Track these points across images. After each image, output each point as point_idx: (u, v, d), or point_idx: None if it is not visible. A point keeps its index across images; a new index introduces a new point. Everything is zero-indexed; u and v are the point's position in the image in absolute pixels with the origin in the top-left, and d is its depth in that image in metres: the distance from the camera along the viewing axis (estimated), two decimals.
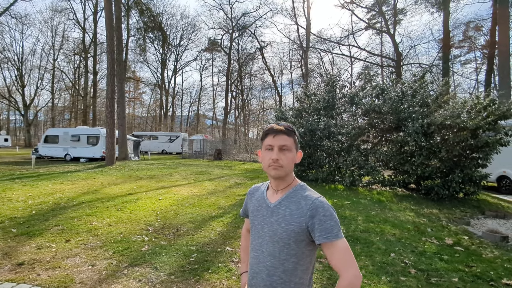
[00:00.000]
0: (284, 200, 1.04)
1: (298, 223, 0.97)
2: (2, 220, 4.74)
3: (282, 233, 0.99)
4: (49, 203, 5.95)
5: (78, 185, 8.23)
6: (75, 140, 17.66)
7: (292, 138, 1.03)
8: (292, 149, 1.02)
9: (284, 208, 1.02)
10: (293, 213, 0.99)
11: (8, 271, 3.08)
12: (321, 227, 0.93)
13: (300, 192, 1.04)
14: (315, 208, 0.96)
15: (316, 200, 0.98)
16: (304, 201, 1.00)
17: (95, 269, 3.15)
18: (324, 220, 0.93)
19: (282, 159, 1.00)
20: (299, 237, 0.97)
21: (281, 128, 1.02)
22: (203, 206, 5.97)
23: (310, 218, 0.95)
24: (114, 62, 12.85)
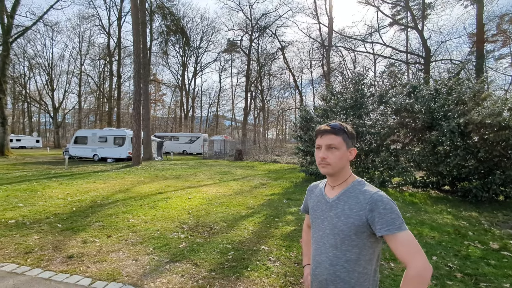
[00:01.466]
0: (342, 195, 1.08)
1: (358, 217, 1.01)
2: (48, 215, 5.02)
3: (342, 226, 1.04)
4: (87, 201, 6.24)
5: (110, 184, 8.58)
6: (103, 141, 18.43)
7: (341, 137, 1.06)
8: (340, 147, 1.06)
9: (342, 203, 1.06)
10: (352, 207, 1.03)
11: (60, 263, 3.26)
12: (381, 220, 0.95)
13: (358, 187, 1.07)
14: (374, 202, 0.98)
15: (375, 195, 1.00)
16: (362, 195, 1.03)
17: (139, 263, 3.27)
18: (385, 213, 0.95)
19: (329, 157, 1.06)
20: (359, 229, 1.01)
21: (327, 128, 1.08)
22: (232, 205, 6.03)
23: (370, 212, 0.98)
24: (140, 65, 13.31)
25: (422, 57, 16.52)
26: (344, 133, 1.08)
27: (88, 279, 2.93)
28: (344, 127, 1.10)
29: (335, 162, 1.06)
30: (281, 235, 4.24)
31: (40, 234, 4.14)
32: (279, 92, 42.39)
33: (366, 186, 1.07)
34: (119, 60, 34.90)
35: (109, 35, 35.77)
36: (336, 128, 1.08)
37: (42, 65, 43.53)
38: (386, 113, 7.65)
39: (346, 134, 1.08)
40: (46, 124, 61.43)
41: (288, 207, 5.99)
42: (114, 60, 35.98)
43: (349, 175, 1.11)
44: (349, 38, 21.39)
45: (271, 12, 31.59)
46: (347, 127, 1.11)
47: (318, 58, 30.50)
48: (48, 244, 3.76)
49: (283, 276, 3.04)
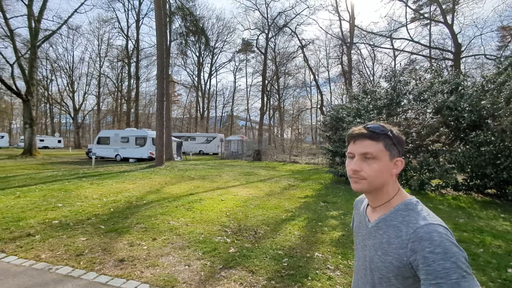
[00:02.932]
0: (381, 222, 0.83)
1: (397, 256, 0.75)
2: (88, 216, 5.02)
3: (378, 263, 0.81)
4: (122, 201, 6.24)
5: (139, 185, 8.60)
6: (125, 141, 18.73)
7: (382, 143, 0.81)
8: (380, 157, 0.80)
9: (381, 233, 0.82)
10: (391, 241, 0.78)
11: (113, 266, 3.19)
12: (427, 268, 0.68)
13: (403, 213, 0.80)
14: (418, 240, 0.71)
15: (421, 229, 0.72)
16: (405, 227, 0.76)
17: (192, 269, 3.15)
18: (433, 259, 0.67)
19: (365, 169, 0.80)
20: (400, 272, 0.75)
21: (362, 131, 0.82)
22: (268, 208, 5.87)
23: (412, 253, 0.72)
24: (163, 66, 13.40)
25: (452, 52, 15.80)
26: (386, 138, 0.81)
27: (145, 285, 2.83)
28: (388, 129, 0.83)
29: (372, 176, 0.80)
30: (331, 241, 4.03)
31: (85, 235, 4.11)
32: (294, 91, 42.02)
33: (414, 213, 0.78)
34: (137, 61, 35.50)
35: (128, 37, 36.49)
36: (375, 131, 0.81)
37: (64, 67, 45.08)
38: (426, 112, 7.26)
39: (389, 139, 0.82)
40: (66, 125, 63.63)
41: (327, 210, 5.76)
42: (133, 61, 36.64)
43: (393, 195, 0.84)
44: (373, 35, 20.80)
45: (288, 10, 31.27)
46: (393, 130, 0.84)
47: (336, 56, 29.94)
48: (96, 246, 3.71)
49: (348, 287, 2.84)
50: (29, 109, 18.05)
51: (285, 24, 26.53)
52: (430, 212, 0.79)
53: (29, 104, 17.98)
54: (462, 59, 16.00)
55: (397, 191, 0.85)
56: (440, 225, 0.72)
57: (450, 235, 0.71)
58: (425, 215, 0.77)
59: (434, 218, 0.76)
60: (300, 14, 27.34)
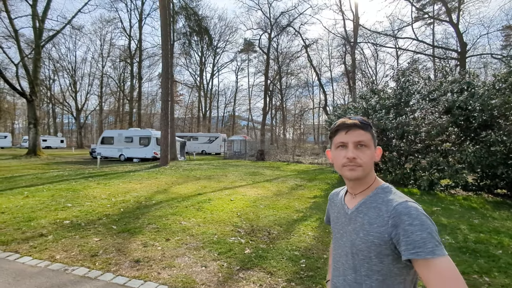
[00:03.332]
0: (362, 206, 0.89)
1: (379, 234, 0.80)
2: (99, 216, 4.99)
3: (360, 245, 0.84)
4: (131, 202, 6.21)
5: (146, 185, 8.58)
6: (129, 141, 18.73)
7: (369, 133, 0.89)
8: (370, 145, 0.88)
9: (362, 215, 0.87)
10: (372, 221, 0.83)
11: (129, 267, 3.15)
12: (407, 239, 0.73)
13: (381, 196, 0.86)
14: (398, 215, 0.77)
15: (399, 206, 0.79)
16: (385, 206, 0.82)
17: (210, 270, 3.11)
18: (412, 231, 0.73)
19: (361, 157, 0.86)
20: (381, 250, 0.80)
21: (355, 121, 0.89)
22: (279, 208, 5.83)
23: (393, 228, 0.77)
24: (168, 66, 13.37)
25: (457, 52, 15.71)
26: (371, 129, 0.90)
27: (163, 286, 2.80)
28: (370, 122, 0.93)
29: (367, 163, 0.86)
30: None
31: (98, 235, 4.08)
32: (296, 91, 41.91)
33: (391, 194, 0.85)
34: (140, 61, 35.58)
35: (130, 37, 36.55)
36: (364, 123, 0.89)
37: (66, 68, 45.19)
38: (436, 111, 7.19)
39: (372, 130, 0.91)
40: (68, 125, 63.80)
41: None
42: (135, 61, 36.69)
43: (373, 180, 0.91)
44: (378, 34, 20.70)
45: (291, 10, 31.17)
46: (370, 122, 0.93)
47: (339, 56, 29.87)
48: (110, 247, 3.68)
49: None
50: (33, 109, 18.07)
51: (289, 23, 26.49)
52: (403, 195, 0.85)
53: (33, 104, 18.00)
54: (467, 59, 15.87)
55: (375, 178, 0.91)
56: (414, 202, 0.80)
57: (423, 210, 0.78)
58: (401, 195, 0.84)
59: (409, 198, 0.83)
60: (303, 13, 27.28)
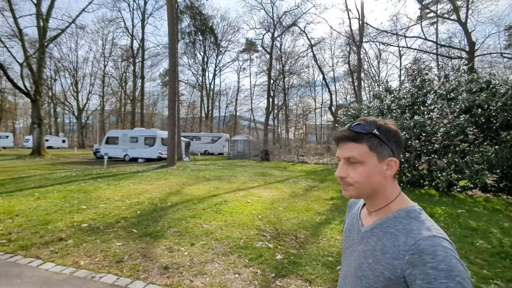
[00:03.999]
0: (377, 228, 0.75)
1: (391, 267, 0.66)
2: (117, 219, 4.85)
3: (367, 271, 0.72)
4: (145, 203, 6.06)
5: (157, 186, 8.43)
6: (134, 141, 18.58)
7: (366, 144, 0.72)
8: (365, 160, 0.71)
9: (375, 239, 0.73)
10: (385, 249, 0.69)
11: (159, 274, 3.01)
12: (427, 285, 0.58)
13: (403, 221, 0.71)
14: (419, 252, 0.62)
15: (423, 241, 0.63)
16: (404, 237, 0.67)
17: (244, 278, 2.97)
18: (434, 277, 0.57)
19: (351, 175, 0.73)
20: (390, 284, 0.66)
21: (345, 132, 0.74)
22: (299, 210, 5.68)
23: (409, 266, 0.63)
24: (175, 65, 13.22)
25: (466, 51, 15.56)
26: (372, 138, 0.72)
27: None
28: (374, 127, 0.73)
29: (359, 182, 0.73)
30: None
31: (120, 240, 3.93)
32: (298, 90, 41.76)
33: (416, 222, 0.69)
34: (143, 61, 35.45)
35: (133, 36, 36.37)
36: (357, 131, 0.72)
37: (68, 67, 44.99)
38: (454, 111, 7.04)
39: (376, 138, 0.72)
40: (69, 125, 63.63)
41: None
42: (138, 61, 36.53)
43: (392, 199, 0.75)
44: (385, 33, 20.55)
45: (294, 9, 31.01)
46: (382, 126, 0.74)
47: (343, 55, 29.74)
48: (134, 252, 3.54)
49: None
50: (38, 109, 17.92)
51: (294, 23, 26.32)
52: (434, 224, 0.70)
53: (37, 104, 17.86)
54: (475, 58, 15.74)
55: (397, 195, 0.75)
56: (445, 239, 0.64)
57: (455, 251, 0.62)
58: (429, 226, 0.68)
59: (438, 230, 0.67)
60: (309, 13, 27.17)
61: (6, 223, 4.56)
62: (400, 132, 0.75)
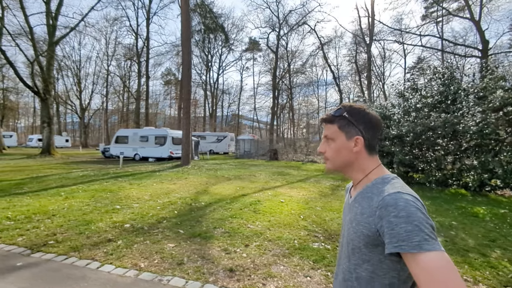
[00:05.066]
0: (359, 196, 0.86)
1: (367, 224, 0.76)
2: (158, 219, 4.74)
3: (352, 234, 0.83)
4: (178, 203, 5.95)
5: (180, 185, 8.32)
6: (144, 141, 18.43)
7: (336, 125, 0.87)
8: (335, 137, 0.87)
9: (357, 205, 0.84)
10: (363, 211, 0.80)
11: (227, 277, 2.90)
12: (390, 231, 0.68)
13: (379, 186, 0.81)
14: (385, 206, 0.72)
15: (388, 196, 0.73)
16: (377, 196, 0.78)
17: (317, 281, 2.86)
18: (396, 223, 0.67)
19: (326, 150, 0.89)
20: (370, 241, 0.76)
21: (323, 116, 0.92)
22: (337, 210, 5.58)
23: (379, 219, 0.72)
24: (190, 64, 13.09)
25: (479, 49, 15.46)
26: (341, 119, 0.86)
27: None
28: (344, 110, 0.87)
29: (332, 156, 0.88)
30: None
31: (170, 241, 3.82)
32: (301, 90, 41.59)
33: (388, 185, 0.79)
34: (147, 60, 35.27)
35: (137, 35, 36.21)
36: (331, 114, 0.89)
37: (70, 66, 44.77)
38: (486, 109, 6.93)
39: (344, 119, 0.86)
40: (72, 124, 63.41)
41: None
42: (142, 60, 36.36)
43: (370, 170, 0.86)
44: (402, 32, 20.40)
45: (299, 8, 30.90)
46: (353, 109, 0.86)
47: (350, 54, 29.63)
48: (192, 254, 3.43)
49: None
50: (47, 108, 17.78)
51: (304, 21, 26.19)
52: (405, 186, 0.78)
53: (47, 103, 17.72)
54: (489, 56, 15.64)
55: (375, 167, 0.86)
56: (409, 194, 0.72)
57: (418, 203, 0.70)
58: (397, 186, 0.77)
59: (406, 189, 0.75)
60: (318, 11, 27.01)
61: (46, 223, 4.45)
62: (372, 116, 0.85)
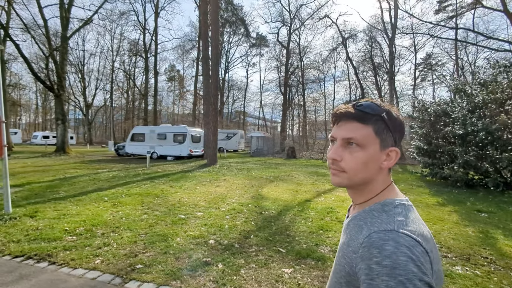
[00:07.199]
0: (352, 221, 0.68)
1: (349, 260, 0.60)
2: (242, 233, 4.10)
3: (337, 266, 0.67)
4: (244, 211, 5.32)
5: (226, 188, 7.69)
6: (162, 138, 17.75)
7: (372, 127, 0.62)
8: (367, 144, 0.61)
9: (348, 232, 0.67)
10: (350, 243, 0.63)
11: None
12: (369, 282, 0.51)
13: (374, 214, 0.62)
14: (368, 246, 0.55)
15: (375, 234, 0.56)
16: (366, 229, 0.60)
17: None
18: (377, 273, 0.50)
19: (346, 159, 0.63)
20: (351, 280, 0.60)
21: (349, 109, 0.63)
22: (431, 220, 4.96)
23: (360, 260, 0.56)
24: (218, 58, 12.42)
25: None
26: (379, 121, 0.62)
27: None
28: (384, 110, 0.62)
29: (354, 170, 0.63)
30: None
31: (278, 263, 3.18)
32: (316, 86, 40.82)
33: (384, 215, 0.60)
34: (156, 55, 34.50)
35: (145, 29, 35.35)
36: (365, 111, 0.62)
37: (74, 62, 43.84)
38: None
39: (383, 122, 0.62)
40: (75, 121, 62.61)
41: (499, 224, 4.86)
42: (150, 55, 35.53)
43: (377, 192, 0.65)
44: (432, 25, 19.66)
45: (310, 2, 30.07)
46: (391, 111, 0.63)
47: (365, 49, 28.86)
48: (321, 283, 2.80)
49: None
50: (61, 104, 17.08)
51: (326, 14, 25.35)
52: (410, 219, 0.58)
53: (61, 99, 17.01)
54: None
55: (387, 186, 0.66)
56: (407, 235, 0.54)
57: (416, 249, 0.51)
58: (396, 220, 0.58)
59: (408, 225, 0.56)
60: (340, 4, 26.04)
61: (115, 239, 3.80)
62: (403, 122, 0.66)
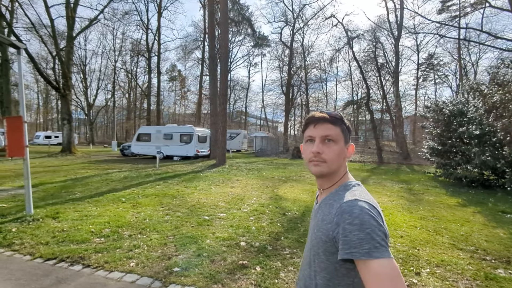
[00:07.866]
0: (323, 202, 0.85)
1: (325, 231, 0.76)
2: (272, 235, 4.02)
3: (314, 241, 0.81)
4: (267, 212, 5.24)
5: (242, 188, 7.62)
6: (168, 139, 17.65)
7: (339, 128, 0.84)
8: (338, 140, 0.83)
9: (320, 212, 0.83)
10: (324, 217, 0.79)
11: None
12: (344, 238, 0.68)
13: (340, 193, 0.80)
14: (341, 212, 0.72)
15: (345, 203, 0.73)
16: (337, 203, 0.77)
17: None
18: (350, 230, 0.67)
19: (325, 152, 0.81)
20: (327, 247, 0.75)
21: (324, 115, 0.84)
22: (457, 222, 4.89)
23: (336, 226, 0.72)
24: (228, 57, 12.35)
25: None
26: (342, 124, 0.85)
27: None
28: (343, 116, 0.86)
29: (332, 159, 0.81)
30: None
31: None
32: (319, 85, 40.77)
33: (347, 192, 0.79)
34: (159, 55, 34.34)
35: (148, 29, 35.25)
36: (334, 117, 0.84)
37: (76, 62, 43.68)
38: None
39: (344, 125, 0.85)
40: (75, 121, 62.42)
41: None
42: (153, 55, 35.44)
43: (341, 177, 0.85)
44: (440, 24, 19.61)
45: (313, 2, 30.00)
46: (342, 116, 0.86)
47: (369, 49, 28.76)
48: None
49: None
50: (67, 104, 16.99)
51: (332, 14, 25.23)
52: (364, 193, 0.78)
53: (67, 99, 16.92)
54: None
55: (344, 174, 0.86)
56: (365, 202, 0.72)
57: (373, 211, 0.70)
58: (356, 193, 0.77)
59: (363, 196, 0.75)
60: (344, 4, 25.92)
61: (144, 240, 3.71)
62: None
